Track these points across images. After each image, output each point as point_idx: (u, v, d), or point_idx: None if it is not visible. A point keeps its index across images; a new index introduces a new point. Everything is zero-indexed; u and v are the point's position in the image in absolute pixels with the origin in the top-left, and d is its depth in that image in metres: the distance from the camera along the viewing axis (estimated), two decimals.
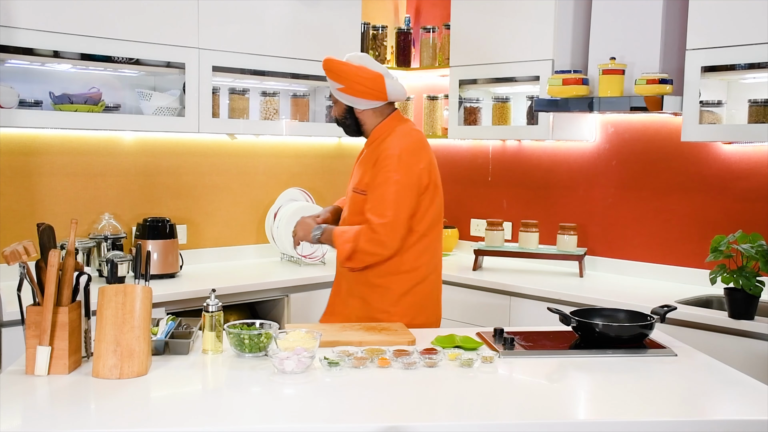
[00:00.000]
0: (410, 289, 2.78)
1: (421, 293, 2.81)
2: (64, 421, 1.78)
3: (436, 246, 2.84)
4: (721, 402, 2.09)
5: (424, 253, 2.79)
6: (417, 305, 2.80)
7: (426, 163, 2.74)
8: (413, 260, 2.77)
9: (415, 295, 2.79)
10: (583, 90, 3.53)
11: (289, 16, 3.90)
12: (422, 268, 2.79)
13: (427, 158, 2.76)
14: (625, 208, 3.92)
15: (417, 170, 2.70)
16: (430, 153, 2.81)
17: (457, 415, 1.90)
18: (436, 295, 2.89)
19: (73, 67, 3.43)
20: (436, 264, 2.87)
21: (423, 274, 2.80)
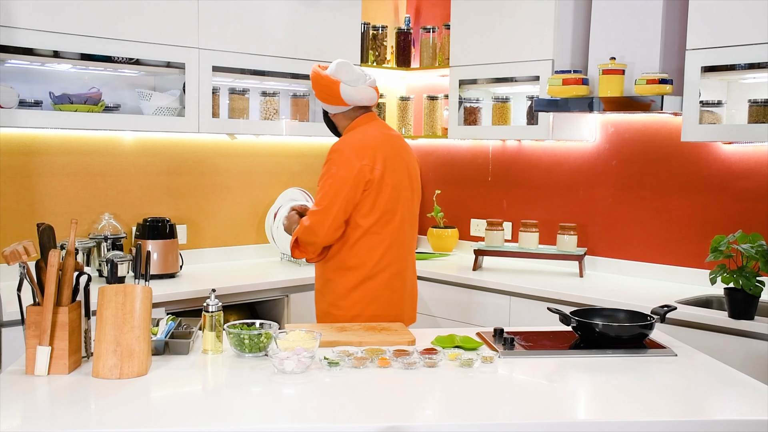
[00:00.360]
0: (357, 284, 2.85)
1: (369, 290, 2.85)
2: (64, 421, 1.78)
3: (390, 243, 2.87)
4: (721, 402, 2.09)
5: (374, 249, 2.84)
6: (364, 301, 2.85)
7: (371, 161, 2.80)
8: (359, 256, 2.84)
9: (362, 291, 2.85)
10: (583, 90, 3.53)
11: (289, 16, 3.90)
12: (370, 265, 2.84)
13: (375, 156, 2.82)
14: (625, 208, 3.92)
15: (358, 166, 2.78)
16: (386, 152, 2.86)
17: (457, 415, 1.90)
18: (389, 293, 2.90)
19: (73, 67, 3.43)
20: (391, 261, 2.88)
21: (372, 271, 2.85)
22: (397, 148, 2.92)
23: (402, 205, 2.90)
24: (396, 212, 2.87)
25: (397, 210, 2.88)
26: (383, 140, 2.89)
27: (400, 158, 2.92)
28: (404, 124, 4.65)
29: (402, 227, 2.91)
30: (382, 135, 2.91)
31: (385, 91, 4.65)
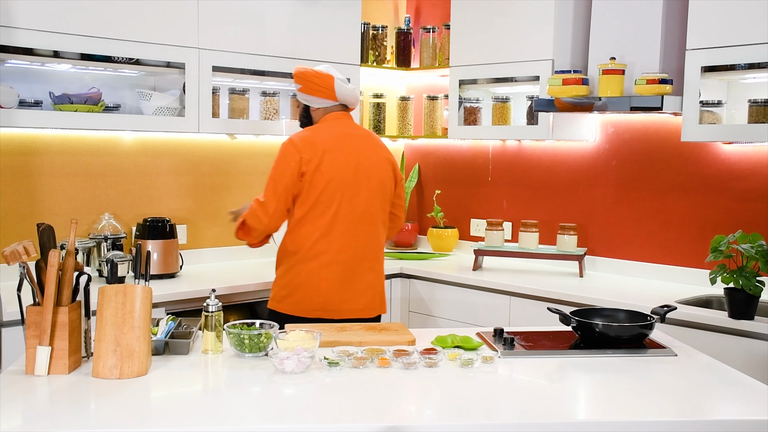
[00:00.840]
0: (289, 269, 3.05)
1: (296, 274, 3.02)
2: (64, 421, 1.78)
3: (322, 233, 3.00)
4: (721, 402, 2.09)
5: (306, 237, 3.01)
6: (291, 285, 3.03)
7: (308, 154, 2.98)
8: (294, 242, 3.04)
9: (291, 275, 3.04)
10: (583, 90, 3.53)
11: (289, 16, 3.90)
12: (302, 252, 3.01)
13: (314, 150, 2.99)
14: (625, 208, 3.92)
15: (297, 158, 2.97)
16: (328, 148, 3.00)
17: (457, 415, 1.90)
18: (317, 281, 3.00)
19: (73, 67, 3.43)
20: (322, 251, 3.01)
21: (303, 258, 3.01)
22: (347, 146, 3.05)
23: (343, 200, 3.01)
24: (331, 205, 3.00)
25: (333, 203, 3.00)
26: (334, 137, 3.05)
27: (349, 156, 3.04)
28: (404, 124, 4.65)
29: (340, 220, 3.01)
30: (335, 132, 3.07)
31: (385, 91, 4.65)
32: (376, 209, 3.10)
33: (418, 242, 4.77)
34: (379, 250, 3.16)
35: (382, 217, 3.14)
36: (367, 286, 3.10)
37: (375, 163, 3.10)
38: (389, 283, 4.04)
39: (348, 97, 3.11)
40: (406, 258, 4.27)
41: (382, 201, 3.13)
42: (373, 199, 3.08)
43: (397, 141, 4.83)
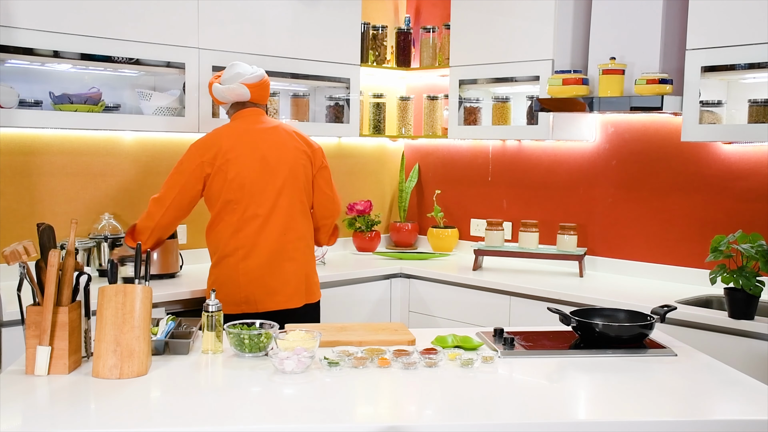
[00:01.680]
0: (212, 267, 3.17)
1: (219, 272, 3.12)
2: (64, 421, 1.78)
3: (235, 230, 3.08)
4: (721, 402, 2.09)
5: (221, 235, 3.11)
6: (217, 283, 3.10)
7: (211, 156, 3.06)
8: (212, 242, 3.16)
9: (215, 273, 3.14)
10: (583, 90, 3.53)
11: (289, 16, 3.90)
12: (220, 250, 3.11)
13: (217, 152, 3.06)
14: (625, 208, 3.92)
15: (198, 161, 3.06)
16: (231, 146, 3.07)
17: (457, 415, 1.90)
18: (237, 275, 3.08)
19: (73, 67, 3.43)
20: (238, 246, 3.09)
21: (221, 256, 3.11)
22: (251, 141, 3.11)
23: (252, 195, 3.07)
24: (240, 202, 3.07)
25: (242, 200, 3.06)
26: (236, 135, 3.12)
27: (254, 151, 3.10)
28: (404, 124, 4.65)
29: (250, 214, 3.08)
30: (238, 130, 3.14)
31: (385, 91, 4.65)
32: (290, 200, 3.15)
33: (418, 242, 4.77)
34: (299, 240, 3.18)
35: (299, 207, 3.18)
36: (289, 277, 3.14)
37: (283, 154, 3.15)
38: (389, 282, 4.05)
39: (228, 97, 3.17)
40: (406, 258, 4.27)
41: (296, 190, 3.17)
42: (283, 189, 3.12)
43: (397, 141, 4.83)
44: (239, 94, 3.16)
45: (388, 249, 4.65)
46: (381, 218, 4.69)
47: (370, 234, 4.50)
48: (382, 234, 4.76)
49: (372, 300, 3.99)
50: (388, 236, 4.79)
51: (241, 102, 3.20)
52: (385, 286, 4.04)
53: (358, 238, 4.51)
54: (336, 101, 4.27)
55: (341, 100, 4.25)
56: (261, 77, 3.18)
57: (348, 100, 4.22)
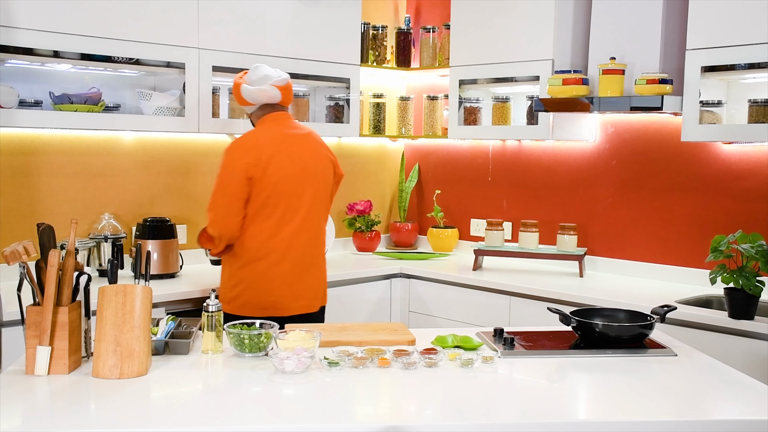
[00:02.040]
0: (237, 270, 3.10)
1: (246, 275, 3.08)
2: (64, 421, 1.78)
3: (270, 234, 3.07)
4: (721, 402, 2.09)
5: (255, 238, 3.07)
6: (240, 286, 3.08)
7: (254, 158, 3.04)
8: (240, 244, 3.09)
9: (239, 276, 3.09)
10: (583, 90, 3.53)
11: (289, 16, 3.90)
12: (251, 253, 3.07)
13: (259, 154, 3.05)
14: (625, 208, 3.92)
15: (242, 163, 3.02)
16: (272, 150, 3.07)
17: (457, 415, 1.90)
18: (267, 280, 3.08)
19: (73, 67, 3.43)
20: (272, 250, 3.08)
21: (252, 258, 3.07)
22: (290, 146, 3.13)
23: (290, 201, 3.09)
24: (278, 206, 3.07)
25: (280, 204, 3.07)
26: (276, 139, 3.12)
27: (294, 157, 3.12)
28: (404, 124, 4.65)
29: (286, 220, 3.10)
30: (274, 134, 3.14)
31: (385, 91, 4.65)
32: (320, 207, 3.21)
33: (418, 242, 4.77)
34: (322, 247, 3.28)
35: (324, 215, 3.27)
36: (313, 283, 3.19)
37: (319, 163, 3.21)
38: (389, 282, 4.05)
39: (260, 99, 3.17)
40: (406, 258, 4.27)
41: (325, 199, 3.25)
42: (316, 197, 3.18)
43: (397, 141, 4.83)
44: (271, 95, 3.16)
45: (388, 249, 4.65)
46: (381, 218, 4.69)
47: (370, 234, 4.50)
48: (382, 234, 4.76)
49: (372, 300, 3.99)
50: (388, 236, 4.79)
51: (270, 104, 3.20)
52: (385, 286, 4.04)
53: (358, 238, 4.52)
54: (336, 101, 4.27)
55: (341, 100, 4.25)
56: (287, 80, 3.21)
57: (348, 100, 4.22)
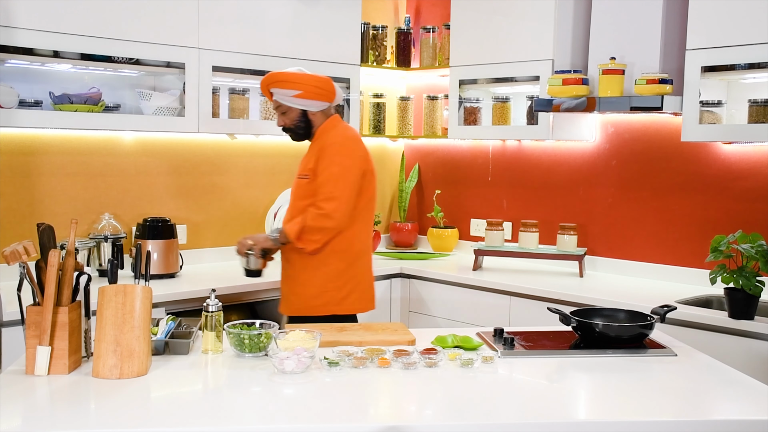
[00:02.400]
0: (345, 268, 3.08)
1: (355, 273, 3.10)
2: (64, 421, 1.78)
3: (366, 230, 3.16)
4: (721, 402, 2.09)
5: (359, 235, 3.11)
6: (350, 284, 3.09)
7: (363, 152, 3.09)
8: (346, 241, 3.07)
9: (348, 274, 3.08)
10: (583, 90, 3.53)
11: (289, 16, 3.90)
12: (356, 250, 3.11)
13: (364, 149, 3.12)
14: (625, 208, 3.92)
15: (359, 155, 3.06)
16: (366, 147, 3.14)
17: (457, 415, 1.90)
18: (369, 276, 3.19)
19: (73, 67, 3.43)
20: (367, 247, 3.18)
21: (357, 255, 3.11)
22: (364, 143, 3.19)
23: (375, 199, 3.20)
24: (372, 203, 3.17)
25: (373, 201, 3.17)
26: (360, 136, 3.20)
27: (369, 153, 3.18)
28: (404, 124, 4.65)
29: (371, 216, 3.21)
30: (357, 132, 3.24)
31: (385, 91, 4.65)
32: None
33: (418, 242, 4.77)
34: None
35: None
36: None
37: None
38: (389, 282, 4.05)
39: (340, 96, 3.21)
40: (406, 258, 4.27)
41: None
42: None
43: (397, 141, 4.83)
44: (341, 96, 3.21)
45: (388, 249, 4.65)
46: (381, 218, 4.69)
47: None
48: (382, 234, 4.76)
49: None
50: (388, 236, 4.79)
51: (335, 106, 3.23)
52: (385, 286, 4.04)
53: None
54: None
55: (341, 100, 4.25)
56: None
57: (348, 100, 4.22)
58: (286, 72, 3.11)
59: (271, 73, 3.11)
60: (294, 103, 3.10)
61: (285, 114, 3.15)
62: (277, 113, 3.18)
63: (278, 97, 3.12)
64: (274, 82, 3.09)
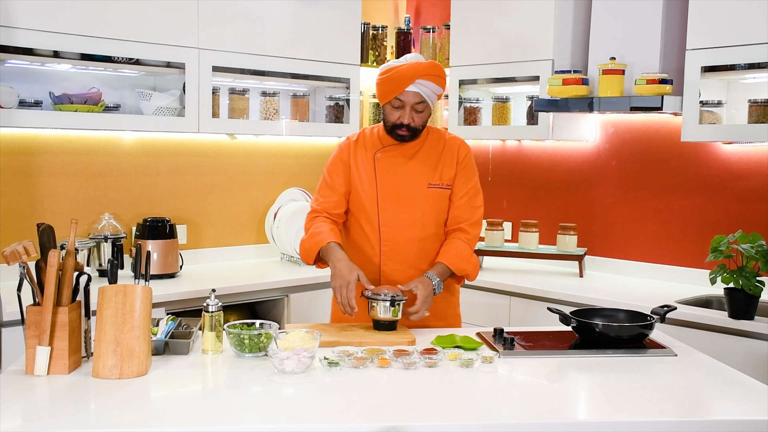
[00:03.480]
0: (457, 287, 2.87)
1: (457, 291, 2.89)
2: (64, 421, 1.78)
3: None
4: (721, 402, 2.09)
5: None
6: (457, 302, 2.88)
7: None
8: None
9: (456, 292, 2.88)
10: (583, 90, 3.53)
11: (289, 16, 3.90)
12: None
13: None
14: (625, 208, 3.92)
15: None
16: None
17: (457, 415, 1.90)
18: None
19: (73, 67, 3.43)
20: None
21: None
22: None
23: None
24: None
25: None
26: None
27: None
28: None
29: None
30: None
31: None
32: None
33: None
34: None
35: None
36: None
37: None
38: None
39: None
40: None
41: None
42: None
43: None
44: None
45: None
46: None
47: None
48: None
49: None
50: None
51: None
52: None
53: None
54: (336, 101, 4.27)
55: (341, 100, 4.25)
56: None
57: (348, 100, 4.22)
58: (439, 65, 2.63)
59: (427, 64, 2.60)
60: (435, 101, 2.68)
61: (422, 113, 2.66)
62: (408, 110, 2.62)
63: (426, 91, 2.60)
64: (431, 75, 2.59)
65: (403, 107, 2.62)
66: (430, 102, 2.64)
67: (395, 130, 2.66)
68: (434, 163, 2.73)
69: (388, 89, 2.61)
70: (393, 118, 2.65)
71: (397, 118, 2.64)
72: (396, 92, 2.59)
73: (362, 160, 2.74)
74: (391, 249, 2.70)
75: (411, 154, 2.73)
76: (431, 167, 2.73)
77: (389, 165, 2.72)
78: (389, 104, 2.64)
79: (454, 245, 2.70)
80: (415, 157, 2.73)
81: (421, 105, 2.63)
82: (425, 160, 2.73)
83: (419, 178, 2.71)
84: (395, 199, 2.70)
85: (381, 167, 2.72)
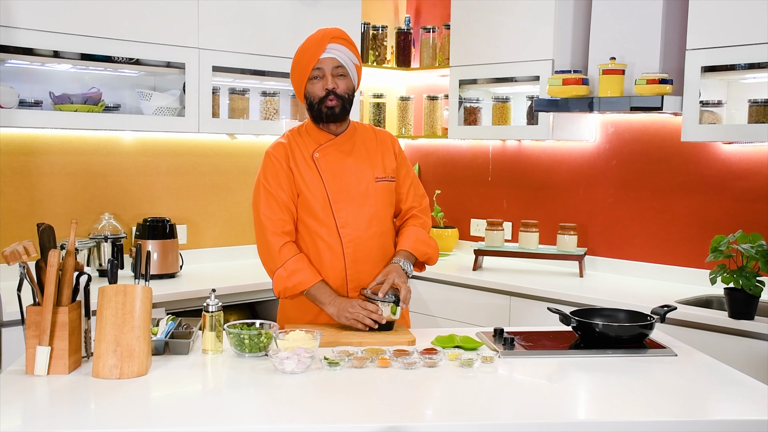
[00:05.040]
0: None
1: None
2: (64, 421, 1.78)
3: None
4: (721, 402, 2.09)
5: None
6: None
7: None
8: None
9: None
10: (583, 90, 3.53)
11: (289, 16, 3.90)
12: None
13: None
14: (625, 208, 3.92)
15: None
16: None
17: (457, 415, 1.90)
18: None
19: (73, 67, 3.43)
20: None
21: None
22: None
23: None
24: None
25: None
26: None
27: None
28: (404, 124, 4.65)
29: None
30: None
31: (385, 91, 4.65)
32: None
33: None
34: None
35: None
36: None
37: None
38: None
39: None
40: None
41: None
42: None
43: None
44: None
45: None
46: None
47: None
48: None
49: None
50: None
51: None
52: None
53: None
54: None
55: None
56: None
57: None
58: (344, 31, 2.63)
59: (334, 28, 2.59)
60: (353, 72, 2.62)
61: (344, 78, 2.59)
62: (329, 76, 2.55)
63: (341, 56, 2.56)
64: (340, 39, 2.56)
65: (324, 76, 2.56)
66: (348, 69, 2.58)
67: (323, 104, 2.57)
68: (373, 156, 2.68)
69: (304, 63, 2.56)
70: (317, 91, 2.57)
71: (321, 88, 2.56)
72: (312, 62, 2.54)
73: (302, 164, 2.62)
74: (354, 250, 2.61)
75: (348, 149, 2.66)
76: (372, 161, 2.68)
77: (331, 163, 2.63)
78: (309, 82, 2.57)
79: (412, 231, 2.70)
80: (353, 153, 2.66)
81: (340, 69, 2.57)
82: (364, 154, 2.67)
83: (365, 172, 2.65)
84: (347, 198, 2.62)
85: (324, 167, 2.62)
